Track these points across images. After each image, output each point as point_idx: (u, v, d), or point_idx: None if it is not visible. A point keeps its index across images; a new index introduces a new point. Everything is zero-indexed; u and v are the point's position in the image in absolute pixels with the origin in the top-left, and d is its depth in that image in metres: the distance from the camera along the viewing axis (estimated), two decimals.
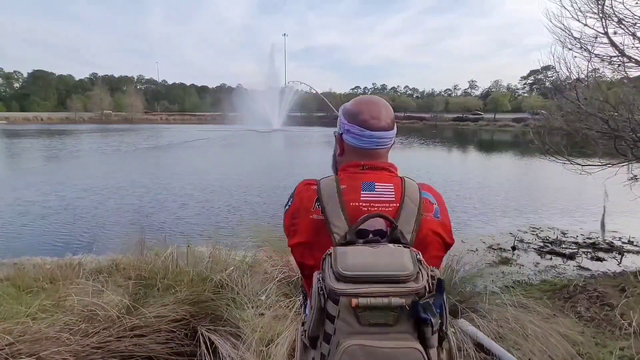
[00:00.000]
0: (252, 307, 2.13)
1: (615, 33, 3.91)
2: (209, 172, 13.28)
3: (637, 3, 3.77)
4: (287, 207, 0.95)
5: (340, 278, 0.66)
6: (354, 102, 0.96)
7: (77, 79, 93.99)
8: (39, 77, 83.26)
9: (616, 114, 3.77)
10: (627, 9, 3.75)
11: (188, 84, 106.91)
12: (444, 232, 0.87)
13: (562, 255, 5.20)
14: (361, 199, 0.85)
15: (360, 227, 0.79)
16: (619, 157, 4.16)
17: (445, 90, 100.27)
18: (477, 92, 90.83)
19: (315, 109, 74.78)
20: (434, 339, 0.66)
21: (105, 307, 1.93)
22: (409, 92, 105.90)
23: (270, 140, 29.60)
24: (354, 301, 0.62)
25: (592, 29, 4.02)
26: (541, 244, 5.70)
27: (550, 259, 5.13)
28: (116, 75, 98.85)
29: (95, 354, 1.73)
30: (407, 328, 0.65)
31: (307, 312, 1.01)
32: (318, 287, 0.69)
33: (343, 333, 0.65)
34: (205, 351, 1.89)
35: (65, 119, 62.43)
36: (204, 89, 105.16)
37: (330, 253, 0.72)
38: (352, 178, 0.89)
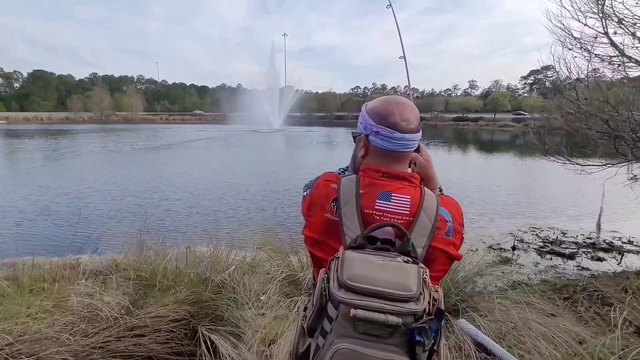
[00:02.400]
0: (253, 307, 2.12)
1: (615, 33, 3.91)
2: (210, 172, 13.28)
3: (637, 3, 3.77)
4: (305, 193, 0.98)
5: (343, 286, 0.68)
6: (382, 103, 0.92)
7: (77, 79, 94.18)
8: (39, 77, 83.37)
9: (616, 114, 3.77)
10: (627, 9, 3.74)
11: (188, 84, 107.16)
12: (451, 250, 0.88)
13: (562, 255, 5.20)
14: (375, 207, 0.86)
15: (371, 234, 0.80)
16: (619, 157, 4.16)
17: (445, 90, 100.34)
18: (477, 92, 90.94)
19: (315, 109, 74.90)
20: (424, 356, 0.68)
21: (105, 307, 1.92)
22: (409, 92, 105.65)
23: (273, 140, 29.55)
24: (352, 312, 0.65)
25: (592, 29, 4.02)
26: (541, 244, 5.69)
27: (550, 259, 5.13)
28: (116, 75, 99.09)
29: (95, 354, 1.72)
30: (399, 342, 0.67)
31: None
32: (321, 287, 0.72)
33: (338, 334, 0.69)
34: (206, 351, 1.89)
35: (65, 118, 62.46)
36: (204, 89, 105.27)
37: (339, 257, 0.73)
38: (372, 184, 0.89)
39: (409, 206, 0.85)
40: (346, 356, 0.67)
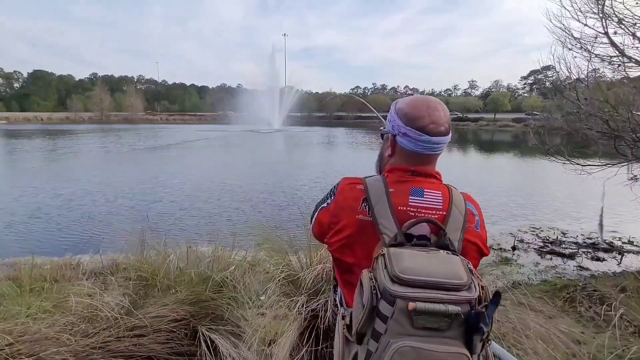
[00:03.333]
0: (253, 306, 2.13)
1: (615, 33, 3.91)
2: (209, 172, 13.28)
3: (637, 3, 3.77)
4: (326, 203, 0.95)
5: (396, 280, 0.67)
6: (412, 103, 0.91)
7: (77, 79, 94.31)
8: (39, 77, 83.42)
9: (616, 114, 3.77)
10: (627, 9, 3.75)
11: (188, 84, 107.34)
12: (481, 243, 0.89)
13: (562, 255, 5.20)
14: (409, 203, 0.85)
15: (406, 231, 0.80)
16: (619, 157, 4.16)
17: (445, 90, 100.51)
18: (477, 92, 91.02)
19: (315, 109, 75.00)
20: (479, 346, 0.67)
21: (105, 307, 1.92)
22: (409, 92, 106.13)
23: (273, 141, 29.55)
24: (412, 305, 0.63)
25: (592, 29, 4.02)
26: (541, 244, 5.70)
27: (550, 259, 5.13)
28: (116, 75, 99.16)
29: (95, 354, 1.72)
30: (457, 334, 0.66)
31: (339, 302, 1.02)
32: (371, 286, 0.69)
33: (394, 333, 0.66)
34: (206, 350, 1.89)
35: (65, 118, 62.51)
36: (204, 89, 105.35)
37: (384, 253, 0.72)
38: (401, 182, 0.89)
39: (441, 201, 0.87)
40: (407, 355, 0.64)
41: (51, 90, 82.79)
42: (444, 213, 0.85)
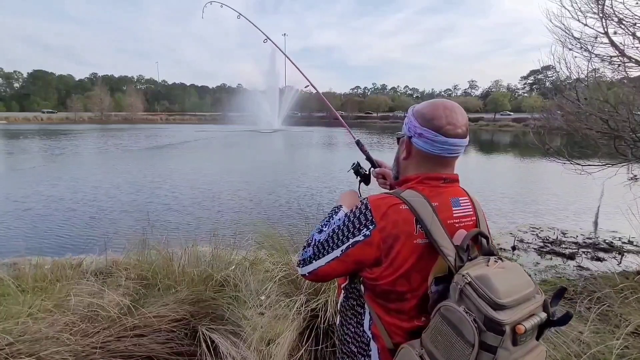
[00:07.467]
0: (253, 306, 2.13)
1: (615, 33, 3.91)
2: (209, 172, 13.28)
3: (637, 3, 3.77)
4: (362, 235, 0.81)
5: (498, 307, 0.64)
6: (429, 105, 0.88)
7: (77, 79, 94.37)
8: (39, 77, 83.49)
9: (616, 114, 3.76)
10: (627, 9, 3.74)
11: (188, 84, 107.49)
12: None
13: (562, 255, 5.20)
14: (454, 215, 0.84)
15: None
16: (619, 157, 4.16)
17: (445, 90, 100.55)
18: (477, 92, 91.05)
19: (316, 109, 74.98)
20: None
21: (106, 307, 1.93)
22: (409, 92, 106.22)
23: (273, 141, 29.54)
24: (521, 327, 0.63)
25: (592, 29, 4.02)
26: (541, 244, 5.69)
27: (550, 259, 5.13)
28: (116, 75, 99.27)
29: (95, 354, 1.72)
30: (534, 335, 0.69)
31: (368, 329, 0.89)
32: (472, 319, 0.65)
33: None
34: (206, 350, 1.89)
35: (65, 119, 62.50)
36: (204, 89, 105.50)
37: (470, 281, 0.68)
38: (439, 193, 0.84)
39: (471, 206, 0.88)
40: None
41: (51, 90, 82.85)
42: (475, 218, 0.86)
